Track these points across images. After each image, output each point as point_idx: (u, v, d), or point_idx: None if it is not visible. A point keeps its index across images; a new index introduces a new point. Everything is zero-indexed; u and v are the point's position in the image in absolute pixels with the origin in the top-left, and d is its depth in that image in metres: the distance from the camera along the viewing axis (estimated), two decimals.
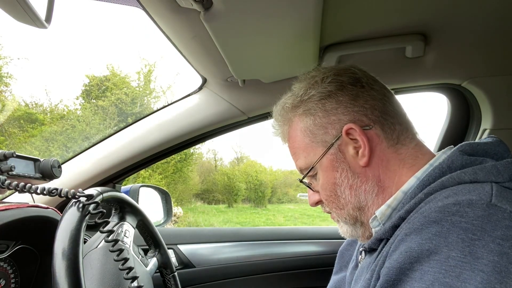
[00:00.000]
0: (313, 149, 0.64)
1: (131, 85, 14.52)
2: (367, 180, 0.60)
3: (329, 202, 0.65)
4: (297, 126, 0.66)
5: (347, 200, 0.62)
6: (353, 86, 0.62)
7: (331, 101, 0.62)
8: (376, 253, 0.56)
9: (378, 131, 0.60)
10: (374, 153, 0.60)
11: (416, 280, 0.42)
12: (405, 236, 0.47)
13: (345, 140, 0.61)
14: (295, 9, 0.64)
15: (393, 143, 0.60)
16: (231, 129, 1.19)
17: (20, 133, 11.89)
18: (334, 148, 0.62)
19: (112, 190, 0.73)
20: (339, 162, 0.62)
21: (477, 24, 0.80)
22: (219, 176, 21.19)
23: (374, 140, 0.60)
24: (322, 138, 0.63)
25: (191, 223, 12.73)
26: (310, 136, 0.64)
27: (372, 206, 0.61)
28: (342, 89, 0.62)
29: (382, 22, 0.79)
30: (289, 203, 23.65)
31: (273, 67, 0.93)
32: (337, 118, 0.61)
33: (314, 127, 0.63)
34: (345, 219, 0.64)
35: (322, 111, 0.62)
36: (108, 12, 27.08)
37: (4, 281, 0.70)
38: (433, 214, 0.45)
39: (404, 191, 0.57)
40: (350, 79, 0.63)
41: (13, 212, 0.65)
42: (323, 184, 0.64)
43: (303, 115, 0.65)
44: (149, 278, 0.84)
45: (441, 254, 0.41)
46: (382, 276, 0.47)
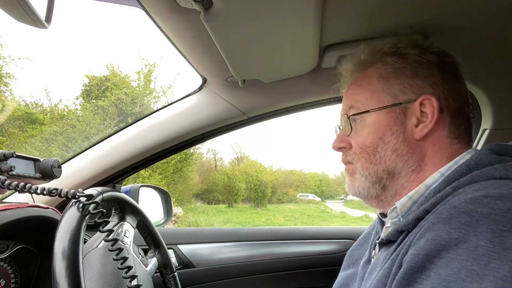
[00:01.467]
0: (380, 97, 0.63)
1: (131, 85, 14.52)
2: (413, 153, 0.61)
3: (362, 151, 0.64)
4: (376, 71, 0.65)
5: (384, 160, 0.62)
6: (450, 71, 0.63)
7: (425, 69, 0.62)
8: (396, 245, 0.56)
9: (447, 119, 0.61)
10: (432, 134, 0.60)
11: (443, 267, 0.42)
12: (433, 225, 0.47)
13: (415, 107, 0.61)
14: (295, 9, 0.64)
15: (452, 136, 0.61)
16: (231, 129, 1.19)
17: (20, 133, 11.89)
18: (401, 108, 0.62)
19: (112, 190, 0.73)
20: (397, 123, 0.61)
21: (478, 24, 0.80)
22: (219, 176, 21.20)
23: (440, 124, 0.60)
24: (395, 93, 0.62)
25: (191, 223, 12.74)
26: (385, 85, 0.63)
27: (403, 178, 0.61)
28: (440, 66, 0.63)
29: (382, 22, 0.79)
30: (289, 203, 23.66)
31: (273, 67, 0.93)
32: (421, 85, 0.61)
33: (394, 80, 0.63)
34: (368, 174, 0.63)
35: (411, 72, 0.62)
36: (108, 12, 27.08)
37: (4, 281, 0.70)
38: (463, 205, 0.46)
39: (426, 185, 0.58)
40: (451, 65, 0.64)
41: (13, 212, 0.65)
42: (368, 133, 0.63)
43: (390, 65, 0.64)
44: (149, 278, 0.84)
45: (470, 243, 0.42)
46: (406, 263, 0.47)
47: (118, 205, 0.82)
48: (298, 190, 29.10)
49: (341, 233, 1.46)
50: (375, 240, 0.71)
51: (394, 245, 0.57)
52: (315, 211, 19.45)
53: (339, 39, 0.86)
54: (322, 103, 1.16)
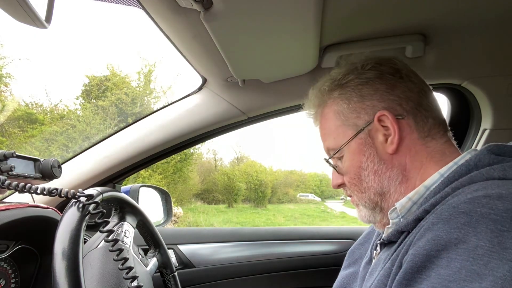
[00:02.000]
0: (343, 132, 0.66)
1: (131, 85, 14.53)
2: (393, 167, 0.62)
3: (351, 184, 0.66)
4: (330, 109, 0.68)
5: (370, 185, 0.63)
6: (392, 76, 0.64)
7: (368, 88, 0.64)
8: (396, 245, 0.57)
9: (410, 121, 0.61)
10: (403, 142, 0.61)
11: (443, 267, 0.43)
12: (432, 225, 0.47)
13: (376, 126, 0.62)
14: (295, 9, 0.64)
15: (423, 135, 0.61)
16: (231, 129, 1.19)
17: (20, 133, 11.89)
18: (364, 133, 0.63)
19: (112, 190, 0.73)
20: (367, 147, 0.63)
21: (477, 24, 0.80)
22: (219, 176, 21.20)
23: (405, 129, 0.61)
24: (353, 121, 0.64)
25: (191, 223, 12.74)
26: (342, 119, 0.66)
27: (394, 194, 0.62)
28: (380, 77, 0.64)
29: (382, 22, 0.79)
30: (289, 203, 23.66)
31: (273, 67, 0.93)
32: (371, 104, 0.63)
33: (347, 110, 0.65)
34: (365, 202, 0.65)
35: (358, 96, 0.64)
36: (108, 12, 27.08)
37: (4, 281, 0.70)
38: (462, 205, 0.46)
39: (426, 186, 0.58)
40: (390, 69, 0.65)
41: (13, 212, 0.65)
42: (349, 166, 0.66)
43: (338, 98, 0.66)
44: (149, 278, 0.84)
45: (470, 243, 0.42)
46: (407, 263, 0.47)
47: (118, 205, 0.82)
48: (298, 190, 29.11)
49: (341, 233, 1.46)
50: (376, 240, 0.71)
51: (395, 246, 0.57)
52: (315, 211, 19.45)
53: (339, 39, 0.86)
54: None
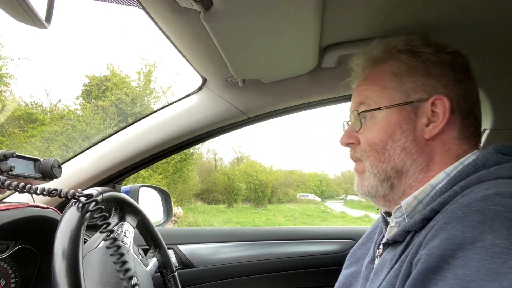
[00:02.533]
0: (391, 95, 0.62)
1: (131, 85, 14.53)
2: (422, 152, 0.60)
3: (371, 149, 0.63)
4: (389, 68, 0.64)
5: (392, 158, 0.61)
6: (463, 72, 0.63)
7: (438, 68, 0.61)
8: (403, 245, 0.56)
9: (457, 120, 0.60)
10: (442, 134, 0.60)
11: (459, 267, 0.42)
12: (445, 224, 0.46)
13: (426, 107, 0.60)
14: (295, 9, 0.64)
15: (462, 136, 0.61)
16: (231, 129, 1.19)
17: (20, 133, 11.89)
18: (412, 107, 0.61)
19: (112, 190, 0.73)
20: (407, 122, 0.61)
21: (477, 24, 0.80)
22: (219, 176, 21.20)
23: (450, 125, 0.60)
24: (407, 91, 0.62)
25: (191, 223, 12.74)
26: (395, 83, 0.63)
27: (411, 177, 0.61)
28: (454, 65, 0.62)
29: (382, 22, 0.79)
30: (289, 203, 23.66)
31: (273, 67, 0.93)
32: (434, 84, 0.61)
33: (407, 78, 0.62)
34: (377, 172, 0.63)
35: (425, 71, 0.62)
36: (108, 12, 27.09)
37: (4, 281, 0.70)
38: (475, 203, 0.46)
39: (432, 185, 0.58)
40: (464, 65, 0.63)
41: (13, 212, 0.65)
42: (377, 131, 0.63)
43: (403, 63, 0.63)
44: (149, 278, 0.84)
45: (486, 241, 0.41)
46: (420, 264, 0.46)
47: (118, 205, 0.82)
48: (298, 190, 29.11)
49: (341, 233, 1.46)
50: (378, 240, 0.70)
51: (402, 246, 0.56)
52: (315, 211, 19.45)
53: (339, 39, 0.86)
54: (322, 103, 1.15)
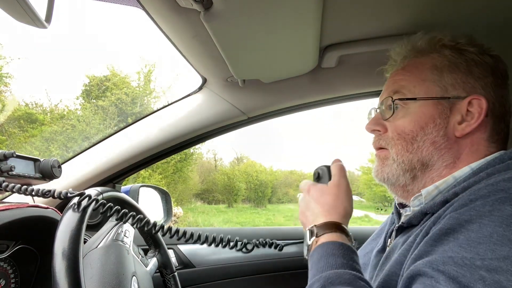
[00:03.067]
0: (428, 87, 0.62)
1: (131, 85, 14.52)
2: (450, 148, 0.60)
3: (399, 138, 0.63)
4: (431, 61, 0.64)
5: (420, 150, 0.61)
6: (502, 78, 0.63)
7: (480, 69, 0.62)
8: (419, 228, 0.56)
9: (490, 123, 0.61)
10: (473, 134, 0.60)
11: (474, 231, 0.43)
12: (470, 202, 0.47)
13: (462, 105, 0.60)
14: (295, 9, 0.64)
15: (491, 140, 0.61)
16: (231, 129, 1.19)
17: (20, 133, 11.89)
18: (448, 102, 0.61)
19: (112, 190, 0.73)
20: (442, 117, 0.61)
21: (477, 24, 0.80)
22: (219, 176, 21.19)
23: (482, 126, 0.60)
24: (446, 86, 0.62)
25: (191, 223, 12.73)
26: (435, 77, 0.63)
27: (435, 171, 0.61)
28: (495, 70, 0.63)
29: (382, 22, 0.79)
30: (289, 203, 23.63)
31: (273, 67, 0.93)
32: (474, 84, 0.61)
33: (448, 73, 0.62)
34: (402, 161, 0.63)
35: (467, 69, 0.62)
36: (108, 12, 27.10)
37: (4, 281, 0.70)
38: (501, 183, 0.47)
39: (455, 177, 0.58)
40: (504, 72, 0.64)
41: (13, 212, 0.65)
42: (410, 121, 0.62)
43: (446, 58, 0.63)
44: (149, 278, 0.84)
45: (504, 211, 0.43)
46: (436, 226, 0.48)
47: (118, 205, 0.82)
48: (298, 190, 29.04)
49: None
50: (391, 228, 0.70)
51: (415, 229, 0.57)
52: None
53: (339, 39, 0.86)
54: (322, 103, 1.15)
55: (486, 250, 0.41)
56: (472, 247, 0.42)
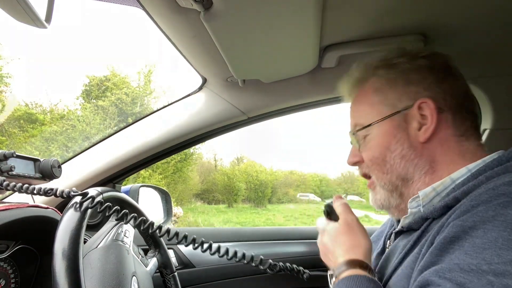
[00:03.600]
0: (379, 110, 0.65)
1: (131, 85, 14.53)
2: (421, 156, 0.61)
3: (373, 163, 0.66)
4: (372, 85, 0.67)
5: (394, 168, 0.63)
6: (444, 71, 0.64)
7: (416, 74, 0.63)
8: (419, 232, 0.57)
9: (449, 117, 0.62)
10: (437, 134, 0.61)
11: (478, 237, 0.43)
12: (472, 208, 0.47)
13: (413, 112, 0.62)
14: (295, 9, 0.64)
15: (458, 134, 0.62)
16: (231, 129, 1.19)
17: (20, 133, 11.89)
18: (400, 115, 0.63)
19: (112, 190, 0.73)
20: (400, 130, 0.63)
21: (477, 24, 0.80)
22: (219, 176, 21.19)
23: (442, 123, 0.61)
24: (392, 102, 0.64)
25: (191, 223, 12.74)
26: (380, 97, 0.65)
27: (418, 182, 0.62)
28: (432, 68, 0.64)
29: (382, 22, 0.79)
30: (289, 203, 23.65)
31: (273, 67, 0.93)
32: (416, 90, 0.63)
33: (389, 90, 0.65)
34: (384, 184, 0.65)
35: (404, 79, 0.64)
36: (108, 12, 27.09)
37: (4, 281, 0.70)
38: (502, 187, 0.47)
39: (452, 178, 0.58)
40: (443, 64, 0.65)
41: (13, 212, 0.65)
42: (375, 145, 0.65)
43: (383, 77, 0.66)
44: (149, 278, 0.84)
45: (508, 216, 0.43)
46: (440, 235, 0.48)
47: (118, 205, 0.82)
48: (298, 190, 29.10)
49: None
50: (390, 231, 0.71)
51: (417, 232, 0.57)
52: (315, 211, 19.44)
53: (339, 39, 0.86)
54: (322, 103, 1.15)
55: (492, 255, 0.41)
56: (478, 253, 0.42)
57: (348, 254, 0.60)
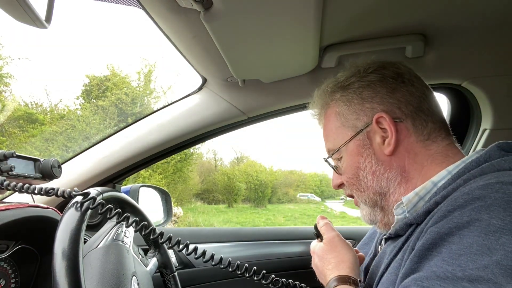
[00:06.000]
0: (343, 133, 0.67)
1: (131, 85, 14.53)
2: (391, 168, 0.62)
3: (350, 184, 0.68)
4: (332, 110, 0.70)
5: (368, 185, 0.64)
6: (394, 80, 0.64)
7: (369, 90, 0.65)
8: (404, 238, 0.57)
9: (408, 125, 0.62)
10: (401, 144, 0.62)
11: (455, 243, 0.43)
12: (448, 213, 0.48)
13: (374, 128, 0.63)
14: (295, 9, 0.64)
15: (423, 138, 0.62)
16: (231, 129, 1.19)
17: (20, 133, 11.89)
18: (362, 134, 0.65)
19: (112, 190, 0.73)
20: (365, 148, 0.64)
21: (477, 24, 0.80)
22: (219, 176, 21.19)
23: (403, 132, 0.62)
24: (353, 123, 0.66)
25: (191, 223, 12.73)
26: (342, 120, 0.67)
27: (394, 194, 0.63)
28: (382, 80, 0.65)
29: (382, 22, 0.79)
30: (289, 203, 23.65)
31: (273, 67, 0.93)
32: (371, 106, 0.64)
33: (347, 112, 0.66)
34: (365, 200, 0.67)
35: (359, 98, 0.65)
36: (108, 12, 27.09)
37: (4, 281, 0.70)
38: (476, 192, 0.47)
39: (434, 182, 0.59)
40: (392, 73, 0.65)
41: (13, 212, 0.65)
42: (347, 167, 0.67)
43: (340, 100, 0.68)
44: (149, 278, 0.84)
45: (482, 221, 0.43)
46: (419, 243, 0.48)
47: (118, 205, 0.82)
48: (298, 190, 29.10)
49: (341, 233, 1.46)
50: (381, 236, 0.72)
51: (403, 238, 0.58)
52: (315, 211, 19.45)
53: (339, 39, 0.86)
54: None
55: (467, 261, 0.41)
56: (454, 259, 0.42)
57: (336, 270, 0.63)
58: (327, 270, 0.65)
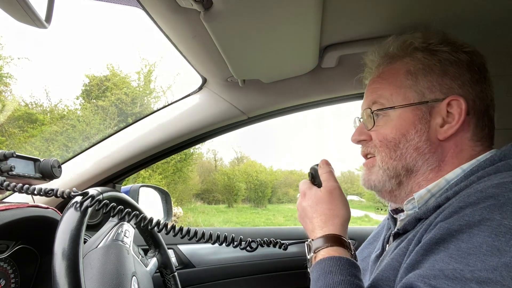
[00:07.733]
0: (405, 94, 0.61)
1: (131, 85, 14.52)
2: (435, 152, 0.60)
3: (382, 145, 0.63)
4: (404, 66, 0.63)
5: (404, 157, 0.61)
6: (480, 73, 0.61)
7: (455, 68, 0.60)
8: (413, 232, 0.56)
9: (472, 121, 0.60)
10: (456, 135, 0.59)
11: (464, 241, 0.43)
12: (460, 209, 0.47)
13: (441, 107, 0.59)
14: (295, 9, 0.64)
15: (476, 139, 0.60)
16: (231, 129, 1.19)
17: (20, 133, 11.89)
18: (427, 106, 0.60)
19: (112, 190, 0.73)
20: (422, 122, 0.60)
21: (477, 24, 0.80)
22: (219, 176, 21.18)
23: (465, 125, 0.59)
24: (422, 91, 0.61)
25: (191, 223, 12.73)
26: (411, 82, 0.62)
27: (420, 176, 0.61)
28: (471, 65, 0.61)
29: (382, 22, 0.79)
30: (289, 203, 23.63)
31: (273, 67, 0.93)
32: (450, 84, 0.60)
33: (423, 77, 0.61)
34: (387, 168, 0.62)
35: (441, 70, 0.60)
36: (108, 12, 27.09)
37: (4, 281, 0.70)
38: (490, 190, 0.46)
39: (447, 179, 0.58)
40: (481, 65, 0.62)
41: (13, 212, 0.65)
42: (391, 128, 0.62)
43: (419, 61, 0.62)
44: (149, 278, 0.84)
45: (494, 221, 0.42)
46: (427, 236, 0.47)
47: (118, 205, 0.82)
48: (298, 190, 29.03)
49: None
50: (388, 234, 0.70)
51: (410, 233, 0.57)
52: None
53: (339, 39, 0.86)
54: (322, 103, 1.15)
55: (476, 261, 0.41)
56: (462, 258, 0.42)
57: (326, 225, 0.59)
58: (316, 221, 0.61)
